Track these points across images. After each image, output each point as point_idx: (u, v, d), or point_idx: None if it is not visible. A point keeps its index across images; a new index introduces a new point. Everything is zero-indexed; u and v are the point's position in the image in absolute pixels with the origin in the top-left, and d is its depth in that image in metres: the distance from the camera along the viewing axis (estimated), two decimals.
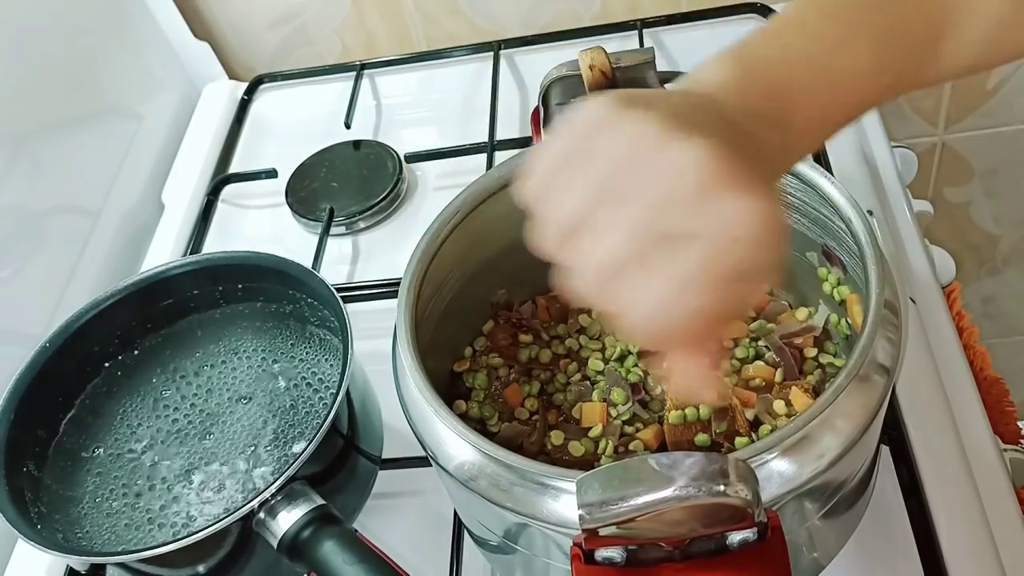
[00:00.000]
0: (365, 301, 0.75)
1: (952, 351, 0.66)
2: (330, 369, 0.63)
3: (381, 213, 0.86)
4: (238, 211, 0.91)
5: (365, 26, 1.01)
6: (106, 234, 0.86)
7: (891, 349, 0.46)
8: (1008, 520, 0.57)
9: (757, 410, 0.55)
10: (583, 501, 0.38)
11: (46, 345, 0.62)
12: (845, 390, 0.43)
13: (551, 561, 0.48)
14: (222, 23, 1.02)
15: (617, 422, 0.57)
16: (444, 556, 0.59)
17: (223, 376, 0.65)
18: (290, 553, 0.53)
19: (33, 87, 0.80)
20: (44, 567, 0.66)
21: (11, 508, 0.56)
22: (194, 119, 0.99)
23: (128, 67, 0.94)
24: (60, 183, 0.82)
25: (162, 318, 0.68)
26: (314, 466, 0.55)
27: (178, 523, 0.58)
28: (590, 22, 0.98)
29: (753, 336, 0.59)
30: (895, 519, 0.57)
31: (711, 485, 0.37)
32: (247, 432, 0.61)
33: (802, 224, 0.56)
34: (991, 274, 1.29)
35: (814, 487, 0.43)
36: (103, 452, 0.62)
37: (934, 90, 1.07)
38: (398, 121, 0.96)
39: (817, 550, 0.52)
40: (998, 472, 0.60)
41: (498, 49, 0.95)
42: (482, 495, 0.45)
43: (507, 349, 0.61)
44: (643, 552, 0.40)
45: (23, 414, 0.60)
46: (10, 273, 0.75)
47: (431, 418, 0.48)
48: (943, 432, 0.60)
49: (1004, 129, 1.10)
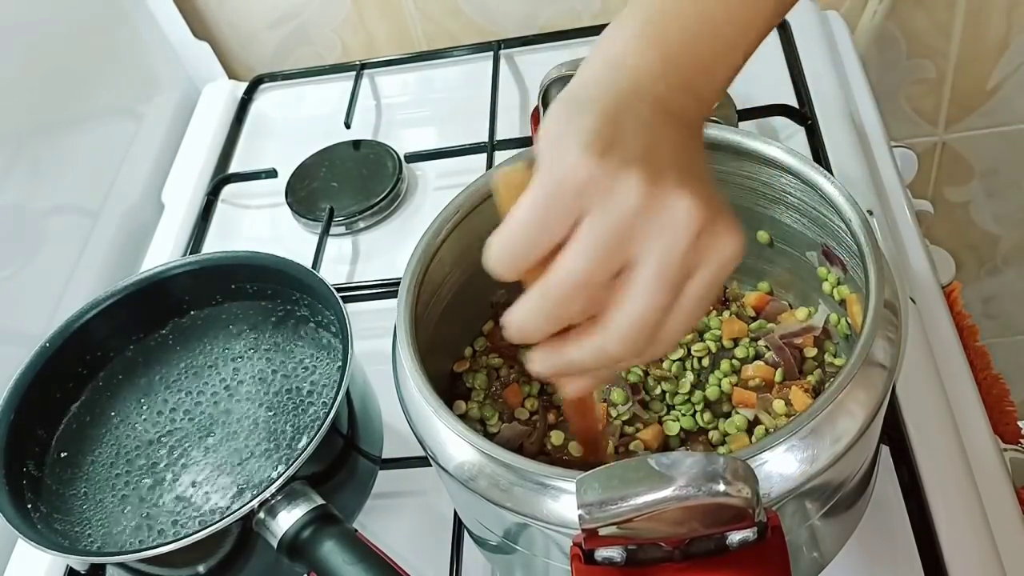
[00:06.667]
0: (365, 301, 0.75)
1: (952, 351, 0.66)
2: (330, 369, 0.63)
3: (381, 213, 0.86)
4: (238, 211, 0.91)
5: (365, 26, 1.01)
6: (106, 234, 0.86)
7: (891, 349, 0.46)
8: (1008, 520, 0.57)
9: (757, 410, 0.55)
10: (583, 501, 0.38)
11: (46, 345, 0.62)
12: (845, 390, 0.43)
13: (551, 561, 0.48)
14: (222, 23, 1.02)
15: (617, 422, 0.57)
16: (444, 556, 0.59)
17: (223, 376, 0.65)
18: (290, 553, 0.53)
19: (33, 87, 0.80)
20: (44, 567, 0.66)
21: (11, 508, 0.56)
22: (194, 119, 0.99)
23: (128, 67, 0.94)
24: (60, 183, 0.82)
25: (162, 318, 0.68)
26: (314, 466, 0.55)
27: (178, 523, 0.58)
28: (590, 22, 0.98)
29: (753, 336, 0.59)
30: (895, 519, 0.57)
31: (711, 485, 0.37)
32: (247, 432, 0.61)
33: (802, 224, 0.56)
34: (991, 274, 1.29)
35: (814, 487, 0.43)
36: (103, 452, 0.62)
37: (934, 90, 1.07)
38: (398, 121, 0.96)
39: (817, 550, 0.52)
40: (998, 472, 0.60)
41: (498, 49, 0.95)
42: (482, 495, 0.45)
43: (507, 349, 0.61)
44: (643, 552, 0.40)
45: (23, 414, 0.60)
46: (10, 273, 0.75)
47: (431, 418, 0.48)
48: (943, 432, 0.60)
49: (1004, 129, 1.10)
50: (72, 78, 0.85)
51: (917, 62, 1.04)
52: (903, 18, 1.00)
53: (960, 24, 1.00)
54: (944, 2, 0.98)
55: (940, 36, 1.01)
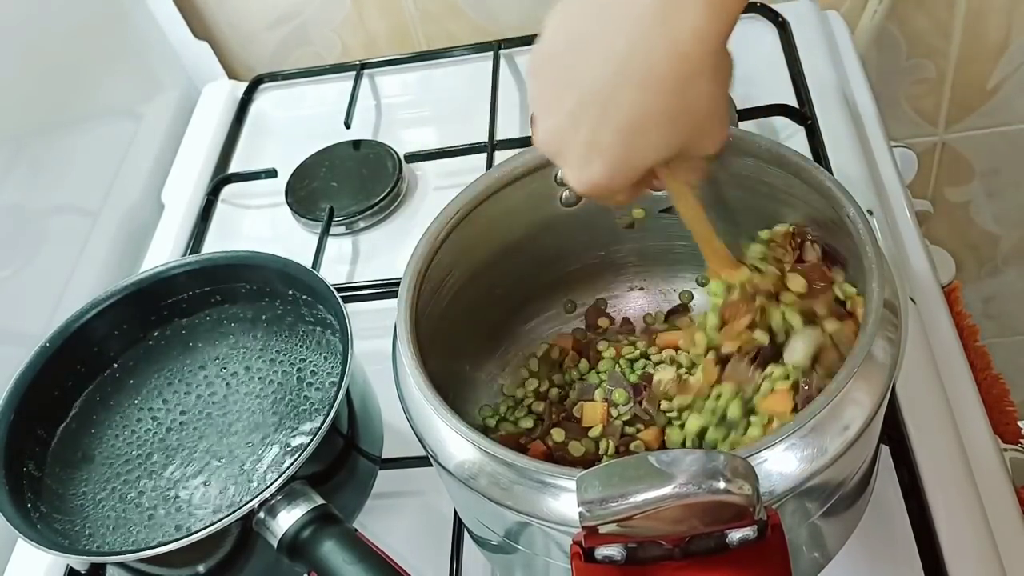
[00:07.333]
0: (365, 301, 0.75)
1: (952, 351, 0.66)
2: (330, 369, 0.63)
3: (381, 213, 0.86)
4: (238, 211, 0.91)
5: (365, 26, 1.01)
6: (106, 234, 0.86)
7: (891, 348, 0.46)
8: (1008, 520, 0.57)
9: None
10: (583, 498, 0.38)
11: (46, 345, 0.62)
12: (845, 389, 0.43)
13: (551, 560, 0.48)
14: (222, 23, 1.02)
15: (618, 422, 0.57)
16: (444, 556, 0.59)
17: (222, 376, 0.65)
18: (290, 553, 0.52)
19: (33, 87, 0.80)
20: (44, 567, 0.66)
21: (11, 508, 0.56)
22: (194, 119, 0.99)
23: (128, 67, 0.94)
24: (60, 183, 0.82)
25: (162, 318, 0.68)
26: (314, 466, 0.55)
27: (178, 523, 0.58)
28: None
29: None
30: (895, 519, 0.57)
31: (711, 483, 0.37)
32: (247, 431, 0.61)
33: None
34: (991, 274, 1.29)
35: (814, 486, 0.43)
36: (103, 452, 0.62)
37: (934, 90, 1.07)
38: (398, 121, 0.96)
39: (817, 549, 0.52)
40: (998, 472, 0.60)
41: (498, 49, 0.95)
42: (482, 494, 0.45)
43: None
44: (643, 550, 0.40)
45: (23, 414, 0.60)
46: (10, 273, 0.75)
47: (431, 417, 0.48)
48: (943, 432, 0.60)
49: (1004, 129, 1.10)
50: (72, 78, 0.85)
51: (917, 62, 1.04)
52: (903, 18, 1.00)
53: (960, 24, 1.00)
54: (944, 2, 0.98)
55: (940, 36, 1.01)
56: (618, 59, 0.42)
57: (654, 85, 0.42)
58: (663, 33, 0.41)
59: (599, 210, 0.61)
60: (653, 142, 0.44)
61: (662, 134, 0.44)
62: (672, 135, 0.44)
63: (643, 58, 0.42)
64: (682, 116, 0.43)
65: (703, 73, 0.42)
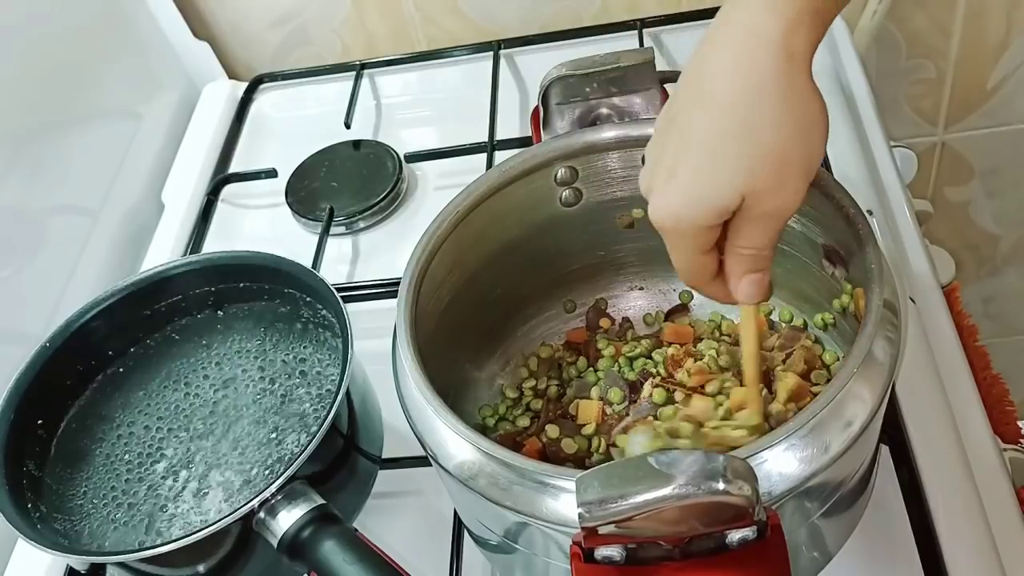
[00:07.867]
0: (365, 301, 0.75)
1: (952, 351, 0.66)
2: (330, 369, 0.63)
3: (381, 213, 0.86)
4: (238, 211, 0.91)
5: (365, 26, 1.01)
6: (106, 234, 0.86)
7: (890, 348, 0.46)
8: (1008, 520, 0.57)
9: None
10: (583, 499, 0.38)
11: (46, 345, 0.62)
12: (844, 389, 0.43)
13: (551, 560, 0.48)
14: (222, 23, 1.02)
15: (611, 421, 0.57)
16: (444, 556, 0.59)
17: (222, 376, 0.65)
18: (290, 553, 0.53)
19: (33, 87, 0.80)
20: (44, 567, 0.66)
21: (11, 508, 0.56)
22: (194, 119, 0.99)
23: (128, 67, 0.94)
24: (60, 183, 0.82)
25: (162, 318, 0.68)
26: (314, 466, 0.55)
27: (178, 523, 0.58)
28: (590, 22, 0.98)
29: None
30: (895, 519, 0.57)
31: (710, 483, 0.37)
32: (247, 432, 0.61)
33: (802, 224, 0.56)
34: (991, 274, 1.29)
35: (814, 486, 0.43)
36: (103, 452, 0.62)
37: (934, 90, 1.07)
38: (398, 121, 0.96)
39: (817, 549, 0.52)
40: (998, 472, 0.60)
41: (498, 49, 0.95)
42: (482, 494, 0.45)
43: None
44: (642, 551, 0.40)
45: (23, 414, 0.60)
46: (10, 273, 0.75)
47: (431, 417, 0.48)
48: (943, 432, 0.60)
49: (1004, 129, 1.10)
50: (72, 78, 0.85)
51: (917, 62, 1.04)
52: (903, 18, 1.00)
53: (960, 24, 1.00)
54: (944, 2, 0.98)
55: (940, 36, 1.01)
56: (694, 79, 0.41)
57: (717, 99, 0.40)
58: (726, 32, 0.40)
59: (599, 210, 0.62)
60: (721, 168, 0.41)
61: (729, 164, 0.41)
62: (738, 163, 0.41)
63: (710, 70, 0.40)
64: (747, 142, 0.40)
65: (767, 92, 0.39)
